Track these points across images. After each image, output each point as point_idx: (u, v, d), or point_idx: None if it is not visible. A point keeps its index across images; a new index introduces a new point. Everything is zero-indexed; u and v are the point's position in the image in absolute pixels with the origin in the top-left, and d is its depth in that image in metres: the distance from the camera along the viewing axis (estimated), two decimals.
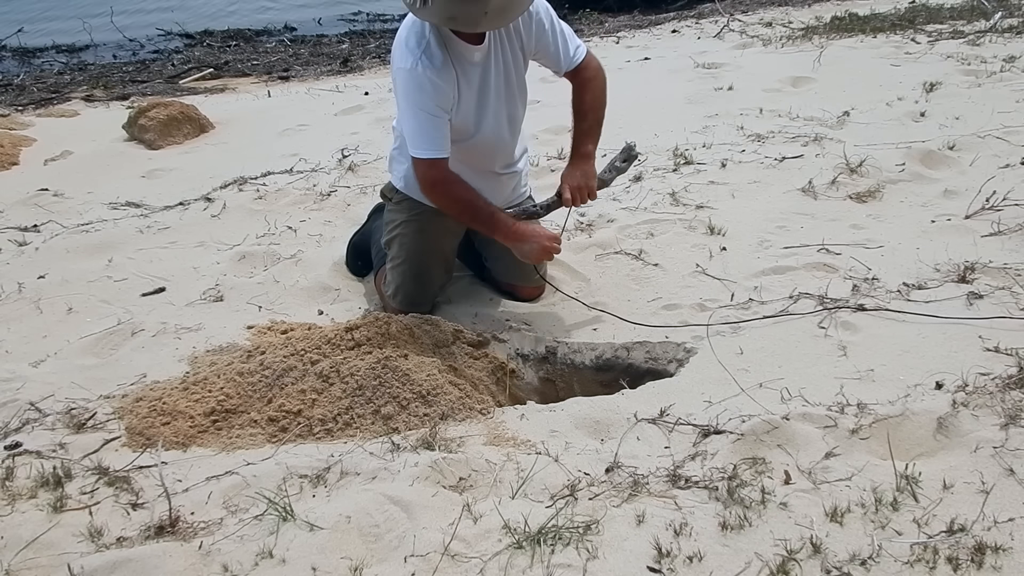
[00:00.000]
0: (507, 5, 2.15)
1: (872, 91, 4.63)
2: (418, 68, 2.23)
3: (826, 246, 2.79)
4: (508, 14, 2.19)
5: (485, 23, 2.16)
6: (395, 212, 2.62)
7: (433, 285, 2.63)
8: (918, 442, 1.80)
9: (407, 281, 2.57)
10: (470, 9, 2.10)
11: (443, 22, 2.17)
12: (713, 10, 8.62)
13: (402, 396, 2.07)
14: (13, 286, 2.96)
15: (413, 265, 2.56)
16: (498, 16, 2.16)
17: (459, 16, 2.12)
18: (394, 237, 2.61)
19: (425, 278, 2.59)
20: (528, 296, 2.70)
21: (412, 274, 2.56)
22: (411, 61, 2.24)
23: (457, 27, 2.20)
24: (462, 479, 1.78)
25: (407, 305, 2.56)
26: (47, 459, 1.94)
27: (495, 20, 2.17)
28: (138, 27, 10.21)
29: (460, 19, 2.14)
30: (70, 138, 5.09)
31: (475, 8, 2.09)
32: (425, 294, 2.61)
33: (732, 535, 1.57)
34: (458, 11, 2.11)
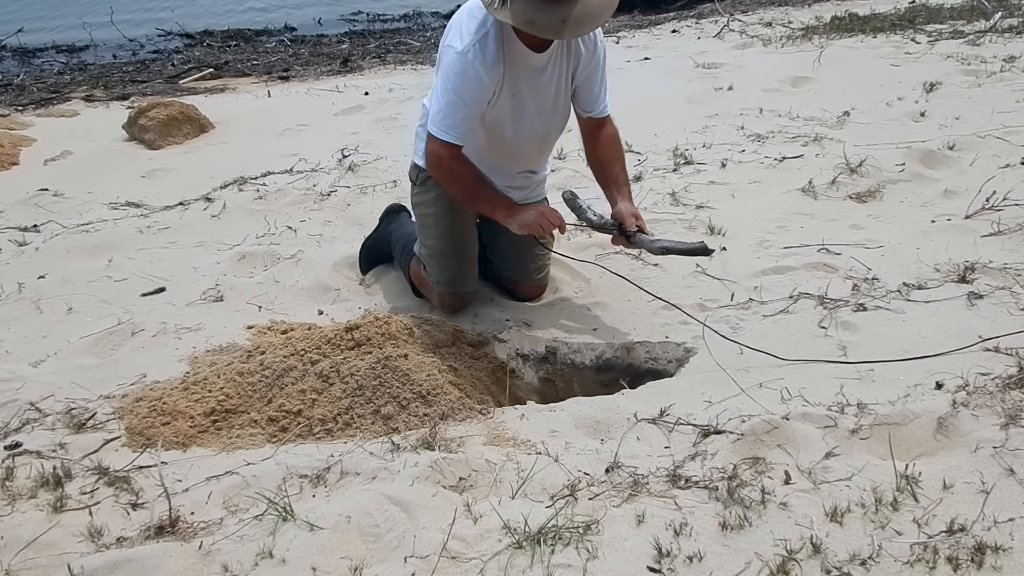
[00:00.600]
0: (586, 16, 2.14)
1: (872, 91, 4.63)
2: (469, 55, 2.21)
3: (826, 246, 2.79)
4: (587, 24, 2.18)
5: (563, 31, 2.14)
6: (422, 194, 2.60)
7: (473, 260, 2.62)
8: (918, 442, 1.80)
9: (450, 260, 2.56)
10: (550, 15, 2.10)
11: (521, 24, 2.14)
12: (713, 10, 8.62)
13: (402, 396, 2.07)
14: (13, 286, 2.96)
15: (451, 242, 2.55)
16: (577, 26, 2.15)
17: (538, 21, 2.11)
18: (426, 217, 2.59)
19: (465, 256, 2.59)
20: (527, 295, 2.69)
21: (452, 251, 2.56)
22: (464, 46, 2.22)
23: (535, 31, 2.16)
24: (462, 479, 1.78)
25: (455, 285, 2.57)
26: (47, 459, 1.94)
27: (573, 29, 2.16)
28: (138, 27, 10.21)
29: (539, 24, 2.12)
30: (70, 138, 5.09)
31: (555, 15, 2.09)
32: (468, 270, 2.60)
33: (732, 535, 1.57)
34: (538, 16, 2.10)
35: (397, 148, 4.35)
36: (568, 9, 2.11)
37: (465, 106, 2.26)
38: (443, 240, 2.55)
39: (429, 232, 2.58)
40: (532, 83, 2.35)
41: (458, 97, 2.25)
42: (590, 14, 2.16)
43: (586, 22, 2.16)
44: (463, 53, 2.22)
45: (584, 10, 2.14)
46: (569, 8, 2.11)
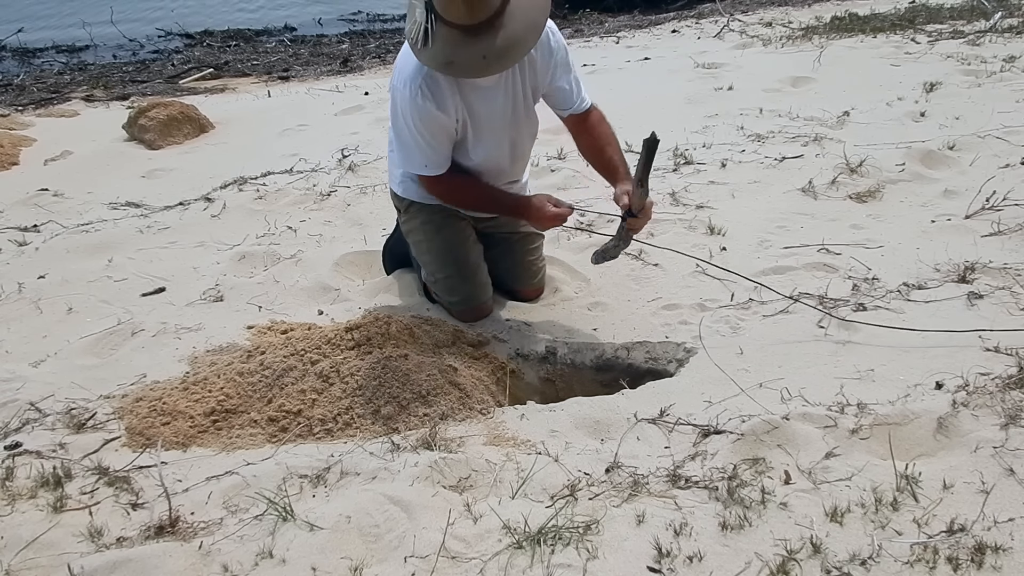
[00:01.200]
0: (510, 46, 2.01)
1: (872, 91, 4.63)
2: (418, 99, 2.16)
3: (826, 246, 2.79)
4: (512, 56, 2.04)
5: (486, 68, 2.04)
6: (409, 222, 2.59)
7: (480, 275, 2.57)
8: (918, 442, 1.80)
9: (456, 285, 2.53)
10: (470, 52, 1.99)
11: (441, 68, 2.05)
12: (713, 10, 8.62)
13: (402, 396, 2.07)
14: (13, 286, 2.96)
15: (453, 263, 2.52)
16: (499, 60, 2.03)
17: (457, 61, 2.01)
18: (419, 244, 2.58)
19: (468, 272, 2.54)
20: (526, 298, 2.69)
21: (456, 272, 2.53)
22: (411, 89, 2.16)
23: (456, 75, 2.08)
24: (462, 479, 1.78)
25: (469, 307, 2.55)
26: (47, 459, 1.94)
27: (496, 64, 2.04)
28: (138, 27, 10.21)
29: (459, 64, 2.02)
30: (70, 138, 5.09)
31: (475, 51, 1.99)
32: (479, 287, 2.56)
33: (732, 535, 1.57)
34: (456, 54, 2.00)
35: None
36: (488, 41, 1.98)
37: (431, 143, 2.25)
38: (442, 264, 2.53)
39: (425, 259, 2.58)
40: (486, 103, 2.27)
41: (422, 138, 2.24)
42: (515, 43, 2.01)
43: (511, 53, 2.03)
44: (413, 98, 2.17)
45: (507, 39, 2.00)
46: (490, 40, 1.98)
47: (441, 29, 2.01)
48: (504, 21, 2.00)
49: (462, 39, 2.00)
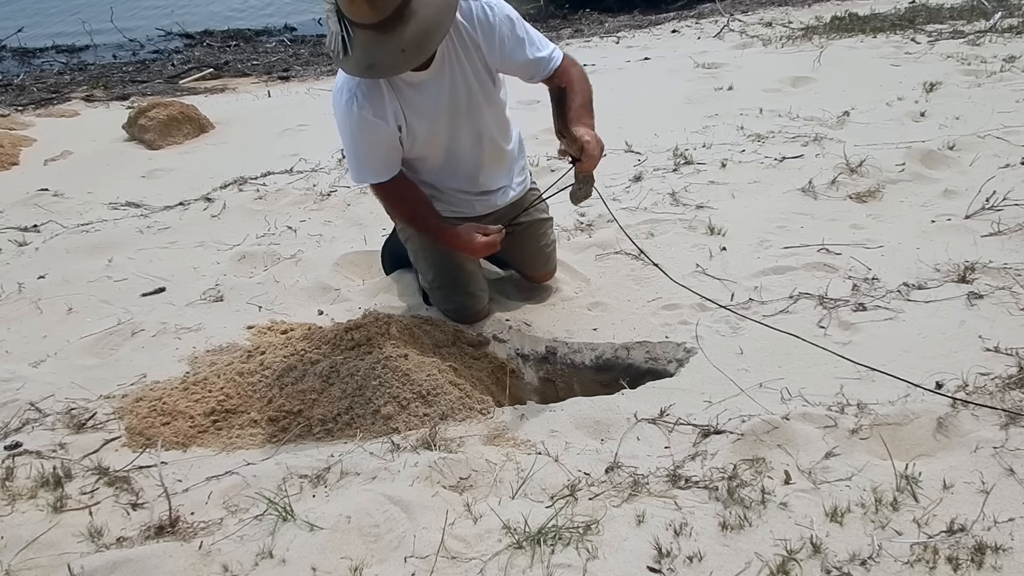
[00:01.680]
0: (423, 35, 1.97)
1: (872, 91, 4.63)
2: (353, 107, 2.13)
3: (826, 246, 2.79)
4: (428, 44, 1.99)
5: (406, 62, 1.99)
6: (405, 229, 2.59)
7: (474, 282, 2.56)
8: (918, 442, 1.80)
9: (450, 294, 2.55)
10: (387, 50, 1.95)
11: (363, 72, 2.02)
12: (713, 10, 8.62)
13: (402, 396, 2.07)
14: (13, 286, 2.96)
15: (448, 272, 2.52)
16: (418, 49, 1.98)
17: (377, 63, 1.98)
18: (416, 253, 2.59)
19: (463, 281, 2.54)
20: (538, 281, 2.74)
21: (451, 282, 2.53)
22: (345, 98, 2.14)
23: (379, 75, 2.04)
24: (462, 479, 1.78)
25: (465, 315, 2.55)
26: (47, 459, 1.94)
27: (415, 54, 1.99)
28: (138, 27, 10.21)
29: (379, 65, 1.99)
30: (70, 138, 5.10)
31: (390, 48, 1.95)
32: (473, 295, 2.55)
33: (732, 535, 1.57)
34: (374, 57, 1.97)
35: None
36: (401, 34, 1.94)
37: (370, 152, 2.22)
38: (437, 273, 2.54)
39: (422, 267, 2.58)
40: (430, 101, 2.21)
41: (365, 147, 2.22)
42: (429, 29, 1.97)
43: (428, 39, 1.98)
44: (347, 106, 2.15)
45: (420, 27, 1.96)
46: (402, 32, 1.94)
47: (357, 34, 1.98)
48: (413, 9, 1.96)
49: (376, 38, 1.97)
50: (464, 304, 2.55)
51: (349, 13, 1.97)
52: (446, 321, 2.53)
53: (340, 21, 1.99)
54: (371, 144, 2.22)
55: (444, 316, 2.59)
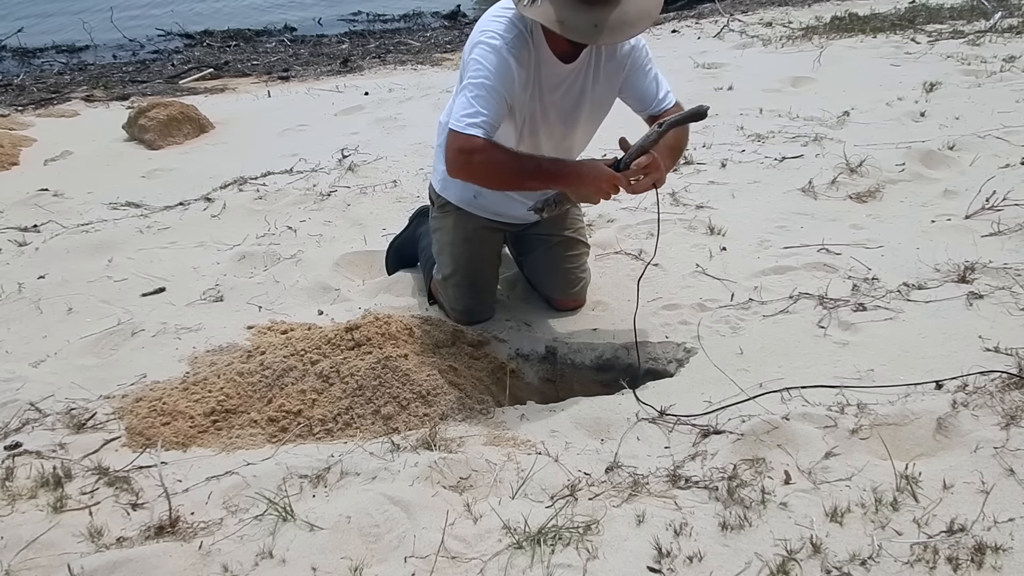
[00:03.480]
0: (621, 23, 2.00)
1: (872, 91, 4.63)
2: (501, 47, 2.07)
3: (826, 246, 2.79)
4: (621, 33, 2.03)
5: (595, 36, 2.00)
6: (439, 219, 2.56)
7: (488, 290, 2.57)
8: (918, 442, 1.80)
9: (464, 294, 2.52)
10: (583, 18, 1.96)
11: (552, 24, 1.99)
12: (713, 10, 8.62)
13: (402, 396, 2.07)
14: (13, 286, 2.96)
15: (467, 275, 2.50)
16: (611, 32, 2.00)
17: (568, 21, 1.97)
18: (443, 245, 2.55)
19: (480, 286, 2.54)
20: (563, 307, 2.61)
21: (468, 284, 2.51)
22: (496, 39, 2.09)
23: (564, 32, 2.00)
24: (462, 479, 1.78)
25: (470, 315, 2.54)
26: (47, 459, 1.94)
27: (607, 35, 2.01)
28: (138, 27, 10.21)
29: (569, 24, 1.97)
30: (70, 138, 5.09)
31: (588, 17, 1.96)
32: (484, 302, 2.56)
33: (732, 535, 1.57)
34: (569, 16, 1.97)
35: (397, 148, 4.35)
36: (603, 13, 1.98)
37: (495, 96, 2.06)
38: (459, 272, 2.51)
39: (445, 260, 2.55)
40: (554, 93, 2.23)
41: (487, 89, 2.05)
42: (626, 23, 2.01)
43: (620, 30, 2.02)
44: (494, 46, 2.08)
45: (620, 18, 2.00)
46: (604, 12, 1.98)
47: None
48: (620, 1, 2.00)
49: (578, 5, 1.97)
50: (473, 308, 2.54)
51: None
52: (446, 321, 2.53)
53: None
54: (497, 85, 2.06)
55: (446, 314, 2.59)
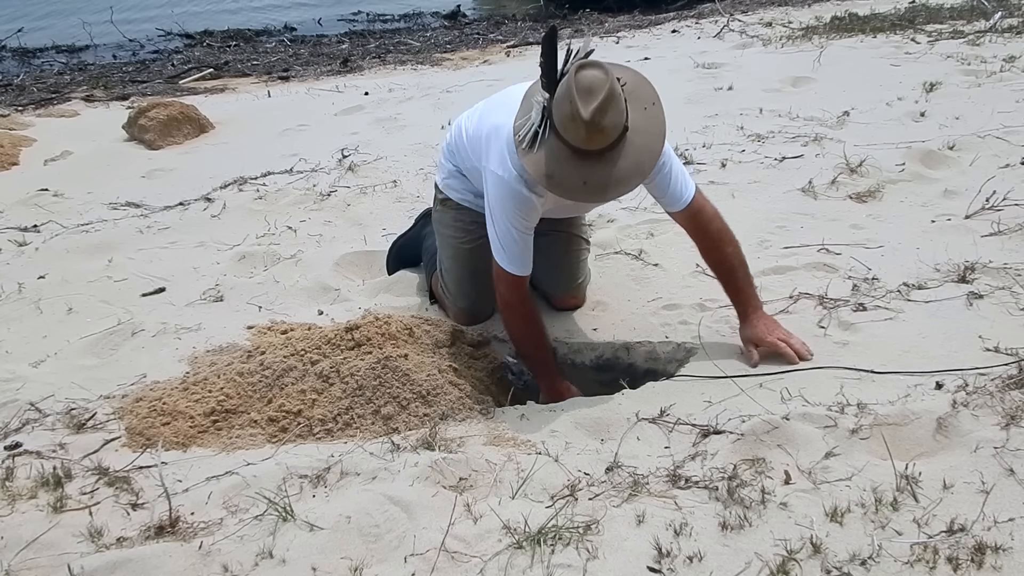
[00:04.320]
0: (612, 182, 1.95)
1: (872, 91, 4.63)
2: (513, 183, 2.09)
3: (826, 246, 2.79)
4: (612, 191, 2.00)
5: (583, 194, 2.00)
6: (442, 214, 2.56)
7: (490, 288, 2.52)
8: (918, 442, 1.80)
9: (465, 286, 2.52)
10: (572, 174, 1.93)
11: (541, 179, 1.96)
12: (713, 10, 8.62)
13: (402, 396, 2.07)
14: (13, 286, 2.96)
15: (469, 272, 2.50)
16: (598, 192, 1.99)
17: (557, 176, 1.93)
18: (445, 239, 2.56)
19: (481, 280, 2.49)
20: (563, 306, 2.62)
21: (470, 277, 2.50)
22: (508, 171, 2.09)
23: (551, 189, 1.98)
24: (462, 479, 1.78)
25: (473, 312, 2.54)
26: (47, 459, 1.94)
27: (594, 195, 2.01)
28: (138, 27, 10.21)
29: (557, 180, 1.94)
30: (70, 138, 5.09)
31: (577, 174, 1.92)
32: (487, 298, 2.52)
33: (732, 535, 1.57)
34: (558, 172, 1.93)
35: (397, 148, 4.35)
36: (595, 170, 1.93)
37: (525, 235, 2.17)
38: (461, 268, 2.51)
39: (447, 254, 2.55)
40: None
41: (516, 229, 2.15)
42: (619, 180, 1.96)
43: (611, 188, 1.98)
44: (508, 181, 2.10)
45: (614, 174, 1.95)
46: (596, 169, 1.93)
47: (552, 141, 1.94)
48: (615, 155, 1.94)
49: (570, 159, 1.94)
50: (474, 305, 2.54)
51: (561, 128, 1.91)
52: (446, 321, 2.53)
53: (544, 120, 1.94)
54: (523, 223, 2.16)
55: (446, 311, 2.59)
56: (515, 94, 2.20)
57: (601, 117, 1.86)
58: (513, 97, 2.19)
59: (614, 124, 1.91)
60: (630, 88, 1.99)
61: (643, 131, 1.98)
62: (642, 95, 2.02)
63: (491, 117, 2.25)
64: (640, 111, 1.99)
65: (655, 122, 2.02)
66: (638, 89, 2.02)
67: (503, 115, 2.17)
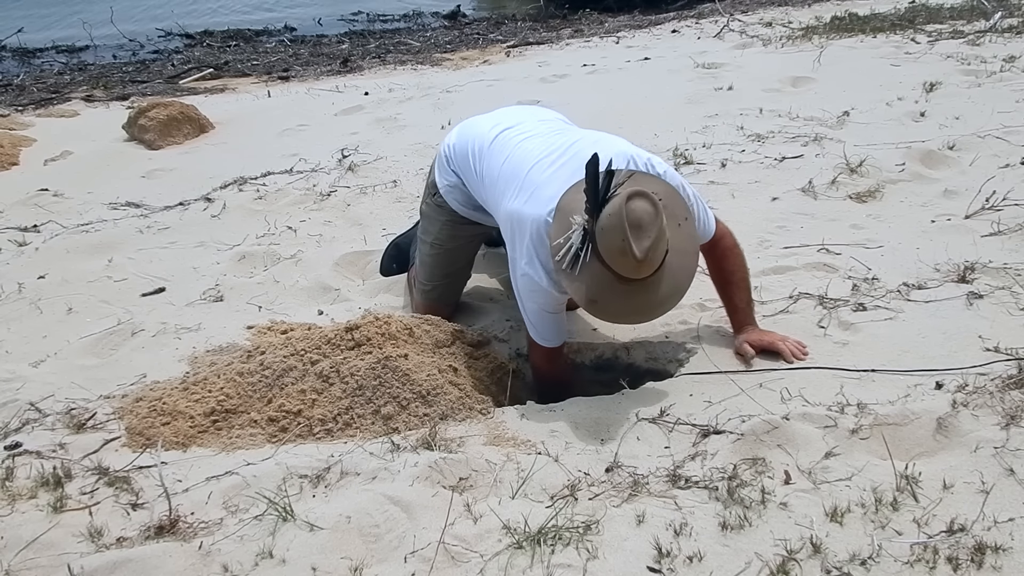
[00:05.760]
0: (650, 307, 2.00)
1: (872, 91, 4.63)
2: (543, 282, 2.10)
3: (826, 246, 2.79)
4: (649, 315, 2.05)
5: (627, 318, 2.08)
6: (431, 207, 2.60)
7: (460, 284, 2.69)
8: (918, 442, 1.80)
9: (435, 273, 2.60)
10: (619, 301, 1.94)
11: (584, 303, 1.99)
12: (713, 10, 8.62)
13: (402, 396, 2.07)
14: (13, 286, 2.96)
15: (442, 272, 2.59)
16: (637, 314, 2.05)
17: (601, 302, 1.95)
18: (428, 236, 2.61)
19: (455, 278, 2.65)
20: None
21: (443, 280, 2.60)
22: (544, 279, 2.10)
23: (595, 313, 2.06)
24: (462, 479, 1.78)
25: (435, 310, 2.57)
26: (47, 459, 1.94)
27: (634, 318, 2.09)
28: (138, 27, 10.21)
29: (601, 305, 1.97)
30: (70, 138, 5.09)
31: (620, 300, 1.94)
32: (454, 292, 2.66)
33: (732, 535, 1.57)
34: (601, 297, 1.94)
35: (397, 148, 4.35)
36: (637, 296, 1.94)
37: (556, 316, 2.21)
38: (436, 266, 2.59)
39: (427, 250, 2.61)
40: None
41: (547, 313, 2.19)
42: (659, 303, 1.99)
43: (653, 312, 2.03)
44: (538, 282, 2.11)
45: (652, 298, 1.97)
46: (638, 295, 1.94)
47: (595, 266, 1.92)
48: (657, 279, 1.94)
49: (614, 286, 1.93)
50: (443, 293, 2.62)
51: (608, 258, 1.89)
52: (446, 321, 2.53)
53: (586, 243, 1.92)
54: (553, 308, 2.20)
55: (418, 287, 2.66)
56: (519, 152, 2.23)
57: (652, 253, 1.87)
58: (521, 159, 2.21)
59: (662, 255, 1.92)
60: (664, 203, 1.94)
61: (681, 251, 1.99)
62: (676, 211, 2.00)
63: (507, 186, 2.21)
64: (675, 228, 1.98)
65: (689, 239, 2.03)
66: (672, 205, 2.00)
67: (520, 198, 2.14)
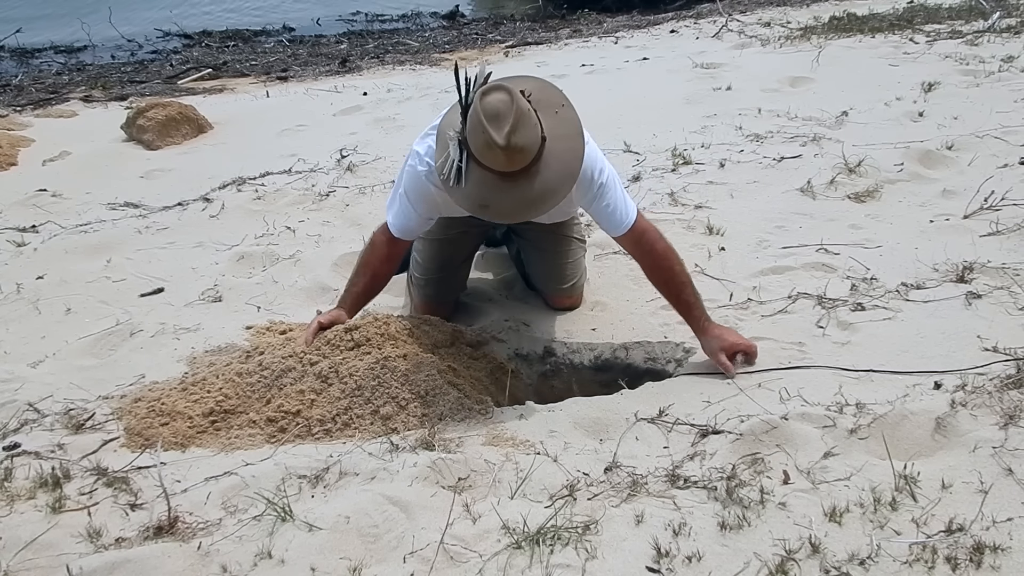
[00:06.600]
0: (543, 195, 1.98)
1: (870, 91, 4.63)
2: (423, 176, 2.16)
3: (824, 246, 2.80)
4: (544, 204, 2.01)
5: (521, 213, 2.03)
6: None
7: (455, 284, 2.66)
8: (917, 442, 1.80)
9: (431, 269, 2.59)
10: (505, 197, 1.95)
11: (476, 210, 2.01)
12: (711, 10, 8.62)
13: (401, 396, 2.07)
14: (12, 287, 2.96)
15: (438, 264, 2.58)
16: (534, 206, 2.00)
17: (493, 205, 1.97)
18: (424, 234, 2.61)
19: (450, 274, 2.62)
20: (557, 306, 2.63)
21: (438, 267, 2.58)
22: (425, 165, 2.15)
23: (489, 216, 2.05)
24: (461, 479, 1.78)
25: (434, 297, 2.59)
26: (46, 460, 1.94)
27: (531, 210, 2.02)
28: (137, 27, 10.20)
29: (494, 208, 1.99)
30: (68, 139, 5.09)
31: (510, 195, 1.95)
32: (450, 289, 2.64)
33: (731, 535, 1.57)
34: (492, 199, 1.96)
35: (396, 148, 4.35)
36: (524, 188, 1.95)
37: (416, 214, 2.26)
38: (433, 258, 2.58)
39: (422, 245, 2.61)
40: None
41: (411, 206, 2.25)
42: (550, 191, 1.99)
43: (546, 200, 2.00)
44: (420, 173, 2.18)
45: (543, 186, 1.97)
46: (526, 187, 1.95)
47: (476, 171, 1.95)
48: (540, 168, 1.96)
49: (498, 184, 1.95)
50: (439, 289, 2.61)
51: (480, 156, 1.92)
52: (445, 321, 2.53)
53: (461, 152, 1.96)
54: (419, 208, 2.25)
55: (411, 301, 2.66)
56: None
57: (516, 138, 1.87)
58: None
59: (531, 140, 1.91)
60: (536, 97, 1.98)
61: (561, 135, 1.99)
62: (550, 100, 2.02)
63: None
64: (552, 116, 1.99)
65: (570, 123, 2.03)
66: (545, 95, 2.02)
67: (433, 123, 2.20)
